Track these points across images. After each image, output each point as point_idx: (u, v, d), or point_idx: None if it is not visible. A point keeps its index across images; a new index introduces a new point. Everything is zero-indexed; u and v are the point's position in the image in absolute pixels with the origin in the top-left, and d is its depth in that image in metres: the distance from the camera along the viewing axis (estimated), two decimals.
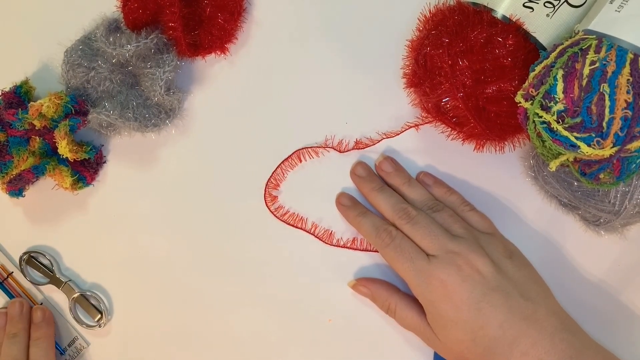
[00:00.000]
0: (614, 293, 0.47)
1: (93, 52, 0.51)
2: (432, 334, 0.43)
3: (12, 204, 0.54)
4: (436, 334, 0.43)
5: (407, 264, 0.43)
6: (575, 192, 0.44)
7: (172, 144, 0.52)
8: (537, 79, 0.38)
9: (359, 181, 0.49)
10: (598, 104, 0.36)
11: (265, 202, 0.51)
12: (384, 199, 0.47)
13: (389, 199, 0.47)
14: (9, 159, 0.50)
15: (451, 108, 0.43)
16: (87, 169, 0.52)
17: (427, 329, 0.44)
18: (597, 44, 0.37)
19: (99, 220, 0.53)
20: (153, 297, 0.52)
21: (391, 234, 0.45)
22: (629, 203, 0.42)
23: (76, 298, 0.52)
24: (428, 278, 0.42)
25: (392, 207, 0.46)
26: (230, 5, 0.51)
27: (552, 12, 0.41)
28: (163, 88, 0.49)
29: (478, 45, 0.41)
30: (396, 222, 0.45)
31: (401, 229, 0.45)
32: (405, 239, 0.44)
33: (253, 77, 0.52)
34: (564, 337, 0.40)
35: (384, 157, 0.49)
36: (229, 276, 0.51)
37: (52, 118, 0.49)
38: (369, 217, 0.47)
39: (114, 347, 0.52)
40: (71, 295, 0.52)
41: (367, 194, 0.48)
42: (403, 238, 0.44)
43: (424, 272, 0.42)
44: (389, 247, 0.44)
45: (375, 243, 0.46)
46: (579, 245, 0.48)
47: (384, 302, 0.47)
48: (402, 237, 0.44)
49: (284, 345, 0.50)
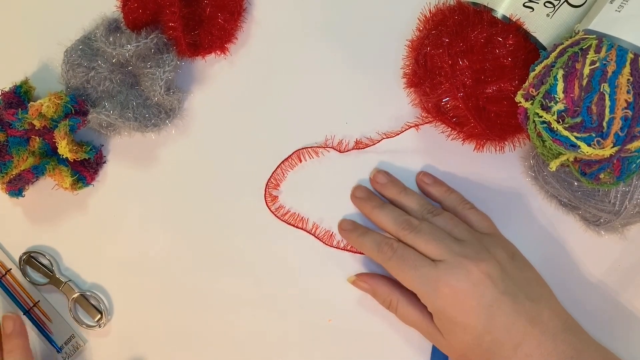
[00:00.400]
0: (614, 293, 0.47)
1: (93, 52, 0.51)
2: (436, 332, 0.43)
3: (12, 204, 0.54)
4: (442, 333, 0.43)
5: (412, 272, 0.43)
6: (575, 192, 0.44)
7: (172, 144, 0.52)
8: (537, 78, 0.38)
9: (359, 202, 0.49)
10: (598, 103, 0.36)
11: (266, 202, 0.51)
12: (385, 214, 0.46)
13: (390, 213, 0.46)
14: (8, 159, 0.49)
15: (451, 108, 0.43)
16: (87, 169, 0.52)
17: (430, 327, 0.44)
18: (597, 43, 0.37)
19: (99, 220, 0.53)
20: (153, 297, 0.52)
21: (392, 246, 0.44)
22: (629, 203, 0.42)
23: (76, 298, 0.52)
24: (436, 283, 0.42)
25: (393, 221, 0.46)
26: (230, 5, 0.51)
27: (552, 12, 0.41)
28: (163, 88, 0.49)
29: (478, 45, 0.41)
30: (399, 235, 0.45)
31: (404, 240, 0.45)
32: (407, 248, 0.44)
33: (253, 77, 0.52)
34: (565, 338, 0.40)
35: (377, 170, 0.49)
36: (229, 276, 0.51)
37: (52, 118, 0.49)
38: (370, 235, 0.47)
39: (113, 346, 0.52)
40: (71, 296, 0.52)
41: (368, 214, 0.48)
42: (405, 248, 0.44)
43: (431, 278, 0.42)
44: (391, 260, 0.44)
45: (379, 258, 0.45)
46: (579, 245, 0.48)
47: (385, 297, 0.46)
48: (404, 247, 0.44)
49: (284, 345, 0.50)
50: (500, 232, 0.47)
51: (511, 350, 0.40)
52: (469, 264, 0.42)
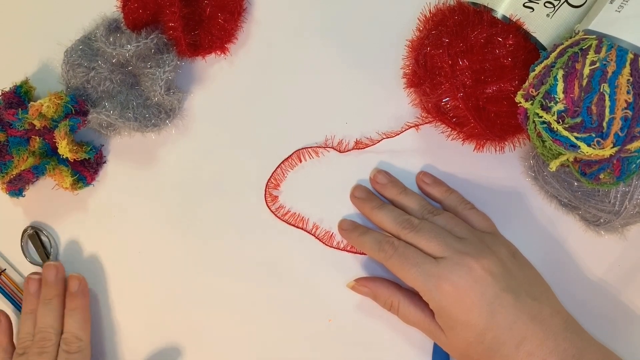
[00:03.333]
0: (614, 293, 0.47)
1: (93, 52, 0.51)
2: (438, 330, 0.43)
3: (12, 204, 0.54)
4: (443, 331, 0.43)
5: (414, 269, 0.43)
6: (575, 192, 0.44)
7: (172, 144, 0.52)
8: (537, 79, 0.38)
9: (359, 203, 0.49)
10: (598, 104, 0.36)
11: (266, 202, 0.51)
12: (385, 214, 0.46)
13: (389, 213, 0.46)
14: (9, 159, 0.50)
15: (451, 108, 0.43)
16: (87, 169, 0.52)
17: (432, 325, 0.44)
18: (597, 44, 0.37)
19: (98, 220, 0.53)
20: (153, 297, 0.52)
21: (393, 244, 0.44)
22: (629, 203, 0.42)
23: None
24: (438, 281, 0.42)
25: (393, 220, 0.46)
26: (230, 5, 0.51)
27: (552, 12, 0.41)
28: (163, 88, 0.49)
29: (478, 45, 0.41)
30: (400, 234, 0.45)
31: (405, 238, 0.44)
32: (408, 246, 0.44)
33: (253, 77, 0.52)
34: (567, 336, 0.40)
35: (377, 171, 0.49)
36: (229, 276, 0.51)
37: (52, 118, 0.49)
38: (370, 234, 0.47)
39: (112, 345, 0.52)
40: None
41: (368, 214, 0.48)
42: (406, 246, 0.44)
43: (433, 276, 0.42)
44: (392, 258, 0.44)
45: (380, 257, 0.45)
46: (579, 245, 0.48)
47: (386, 300, 0.46)
48: (405, 245, 0.44)
49: (284, 345, 0.50)
50: (499, 232, 0.47)
51: (513, 348, 0.40)
52: (470, 260, 0.42)
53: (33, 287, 0.50)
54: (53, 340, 0.48)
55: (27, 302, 0.50)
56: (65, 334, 0.49)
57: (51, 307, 0.49)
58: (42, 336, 0.48)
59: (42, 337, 0.48)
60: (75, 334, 0.49)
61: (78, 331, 0.49)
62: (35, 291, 0.50)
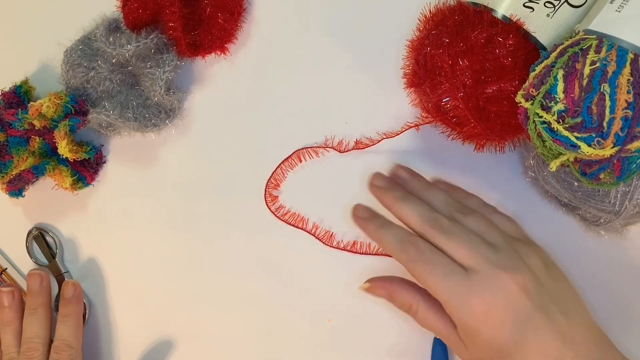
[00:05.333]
0: (614, 293, 0.47)
1: (93, 52, 0.51)
2: (458, 342, 0.40)
3: (12, 204, 0.54)
4: (465, 345, 0.40)
5: (440, 281, 0.38)
6: (575, 192, 0.44)
7: (172, 144, 0.52)
8: (537, 79, 0.38)
9: (379, 192, 0.44)
10: (598, 104, 0.36)
11: (266, 202, 0.51)
12: (409, 208, 0.41)
13: (415, 207, 0.41)
14: (8, 159, 0.50)
15: (451, 108, 0.43)
16: (87, 169, 0.52)
17: (453, 336, 0.40)
18: (597, 44, 0.37)
19: (98, 220, 0.53)
20: (152, 297, 0.52)
21: (419, 246, 0.40)
22: (629, 203, 0.42)
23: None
24: (468, 296, 0.38)
25: (420, 216, 0.41)
26: (230, 5, 0.51)
27: (553, 12, 0.41)
28: (163, 88, 0.49)
29: (478, 45, 0.41)
30: (426, 233, 0.40)
31: (432, 239, 0.40)
32: (436, 251, 0.39)
33: (253, 77, 0.52)
34: (598, 356, 0.38)
35: (398, 166, 0.47)
36: (229, 276, 0.51)
37: (52, 118, 0.49)
38: (392, 229, 0.42)
39: (112, 345, 0.52)
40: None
41: (389, 205, 0.43)
42: (433, 251, 0.39)
43: (462, 290, 0.38)
44: (417, 262, 0.39)
45: (400, 258, 0.40)
46: (579, 245, 0.48)
47: (404, 302, 0.42)
48: (432, 249, 0.40)
49: (284, 345, 0.50)
50: (529, 237, 0.43)
51: None
52: (504, 276, 0.38)
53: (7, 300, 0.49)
54: (40, 350, 0.47)
55: (2, 314, 0.49)
56: (56, 341, 0.48)
57: (37, 316, 0.49)
58: (29, 346, 0.47)
59: (28, 348, 0.47)
60: (67, 341, 0.48)
61: (70, 338, 0.48)
62: (9, 304, 0.49)
